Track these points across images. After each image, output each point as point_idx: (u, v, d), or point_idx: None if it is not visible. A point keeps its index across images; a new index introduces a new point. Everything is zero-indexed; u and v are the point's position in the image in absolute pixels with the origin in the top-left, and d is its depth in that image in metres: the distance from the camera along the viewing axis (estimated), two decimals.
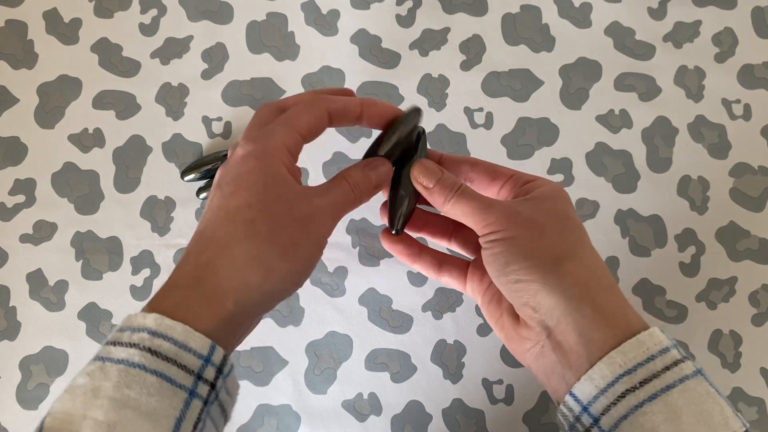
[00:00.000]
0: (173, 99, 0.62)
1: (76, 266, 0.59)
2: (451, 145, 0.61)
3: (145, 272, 0.59)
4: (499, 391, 0.57)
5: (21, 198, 0.60)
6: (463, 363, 0.57)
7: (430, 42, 0.64)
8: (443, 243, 0.42)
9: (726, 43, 0.64)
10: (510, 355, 0.55)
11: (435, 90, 0.63)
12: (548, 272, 0.32)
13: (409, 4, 0.65)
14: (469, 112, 0.62)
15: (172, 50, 0.63)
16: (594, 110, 0.62)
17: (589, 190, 0.60)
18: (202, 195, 0.60)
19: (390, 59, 0.63)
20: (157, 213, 0.60)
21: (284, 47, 0.64)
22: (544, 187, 0.36)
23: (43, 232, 0.60)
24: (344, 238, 0.59)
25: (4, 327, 0.58)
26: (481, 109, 0.62)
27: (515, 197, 0.37)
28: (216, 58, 0.63)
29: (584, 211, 0.60)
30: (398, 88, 0.63)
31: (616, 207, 0.60)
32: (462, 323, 0.58)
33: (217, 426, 0.32)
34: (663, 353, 0.30)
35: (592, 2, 0.64)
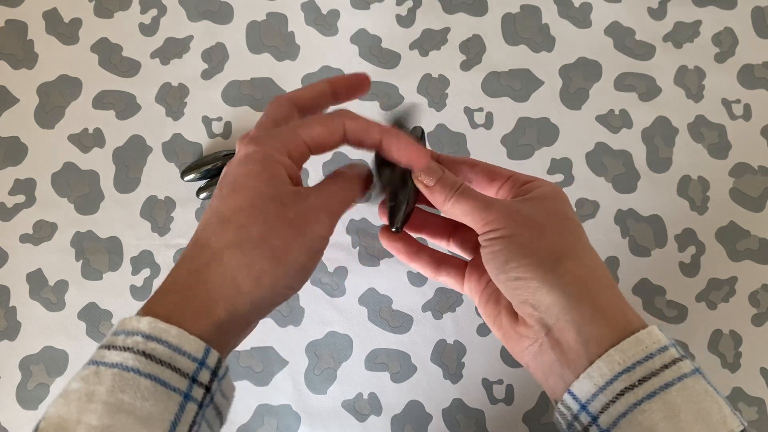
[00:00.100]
0: (173, 99, 0.62)
1: (76, 266, 0.59)
2: (451, 145, 0.61)
3: (145, 272, 0.59)
4: (499, 391, 0.56)
5: (21, 198, 0.60)
6: (463, 363, 0.57)
7: (430, 42, 0.64)
8: (442, 243, 0.42)
9: (726, 43, 0.64)
10: (510, 355, 0.55)
11: (435, 90, 0.63)
12: (548, 270, 0.32)
13: (409, 4, 0.65)
14: (469, 112, 0.62)
15: (172, 50, 0.64)
16: (594, 110, 0.62)
17: (589, 190, 0.60)
18: (202, 195, 0.60)
19: (390, 59, 0.63)
20: (157, 213, 0.60)
21: (284, 47, 0.64)
22: (543, 188, 0.36)
23: (43, 232, 0.60)
24: (344, 238, 0.59)
25: (4, 327, 0.58)
26: (481, 109, 0.62)
27: (514, 197, 0.37)
28: (216, 58, 0.63)
29: (584, 211, 0.60)
30: (398, 88, 0.63)
31: (616, 207, 0.60)
32: (462, 323, 0.58)
33: (212, 429, 0.32)
34: (661, 352, 0.30)
35: (592, 2, 0.65)
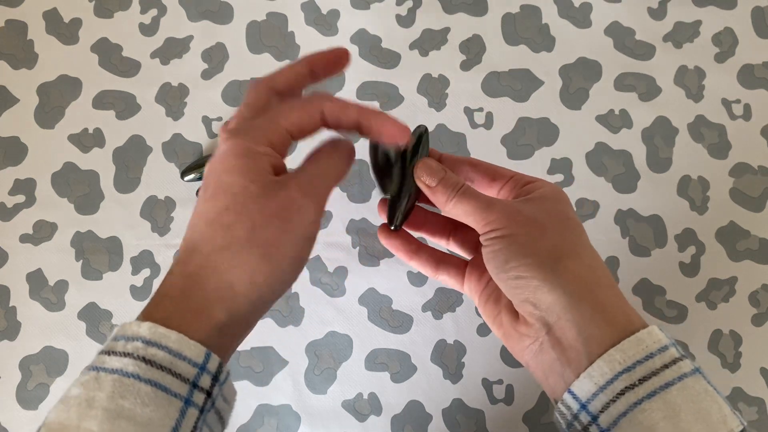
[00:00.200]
0: (173, 99, 0.62)
1: (76, 266, 0.59)
2: (451, 145, 0.61)
3: (145, 272, 0.59)
4: (499, 391, 0.56)
5: (21, 198, 0.60)
6: (463, 363, 0.57)
7: (430, 42, 0.64)
8: (442, 242, 0.42)
9: (726, 43, 0.64)
10: (510, 355, 0.55)
11: (435, 90, 0.63)
12: (548, 270, 0.32)
13: (409, 4, 0.65)
14: (469, 112, 0.62)
15: (172, 50, 0.64)
16: (594, 110, 0.62)
17: (589, 190, 0.60)
18: None
19: (390, 59, 0.63)
20: (157, 213, 0.60)
21: (284, 47, 0.64)
22: (545, 188, 0.36)
23: (43, 232, 0.60)
24: (344, 238, 0.59)
25: (4, 327, 0.58)
26: (481, 109, 0.62)
27: (515, 198, 0.37)
28: (216, 58, 0.63)
29: (584, 211, 0.60)
30: (398, 88, 0.63)
31: (616, 207, 0.60)
32: (462, 323, 0.58)
33: None
34: (662, 351, 0.30)
35: (592, 2, 0.65)
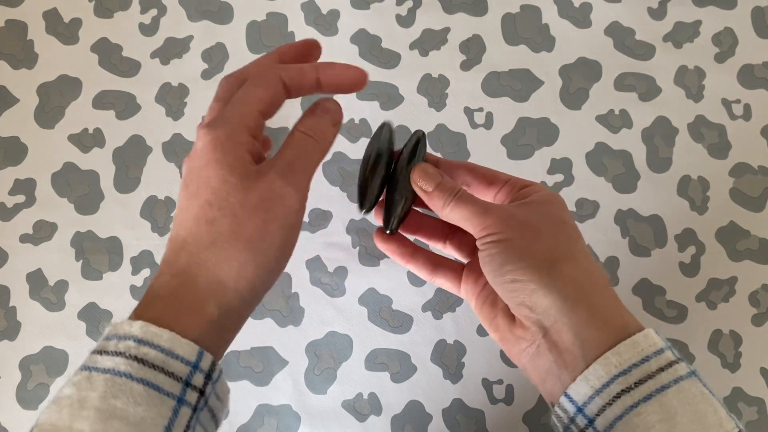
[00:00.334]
0: (173, 99, 0.62)
1: (76, 266, 0.59)
2: (451, 146, 0.61)
3: (145, 272, 0.59)
4: (499, 391, 0.57)
5: (21, 198, 0.60)
6: (463, 363, 0.57)
7: (430, 42, 0.64)
8: (438, 246, 0.42)
9: (726, 43, 0.63)
10: None
11: (435, 90, 0.63)
12: (544, 273, 0.32)
13: (409, 4, 0.64)
14: (469, 112, 0.62)
15: (172, 50, 0.64)
16: (594, 110, 0.62)
17: (589, 190, 0.60)
18: None
19: (390, 59, 0.63)
20: (157, 213, 0.60)
21: None
22: (540, 192, 0.37)
23: (43, 232, 0.60)
24: (344, 238, 0.59)
25: (4, 327, 0.58)
26: (481, 109, 0.62)
27: (512, 201, 0.37)
28: (216, 58, 0.63)
29: (584, 211, 0.60)
30: (398, 88, 0.63)
31: (616, 207, 0.60)
32: (462, 323, 0.58)
33: (207, 431, 0.32)
34: (657, 354, 0.30)
35: (592, 2, 0.64)
